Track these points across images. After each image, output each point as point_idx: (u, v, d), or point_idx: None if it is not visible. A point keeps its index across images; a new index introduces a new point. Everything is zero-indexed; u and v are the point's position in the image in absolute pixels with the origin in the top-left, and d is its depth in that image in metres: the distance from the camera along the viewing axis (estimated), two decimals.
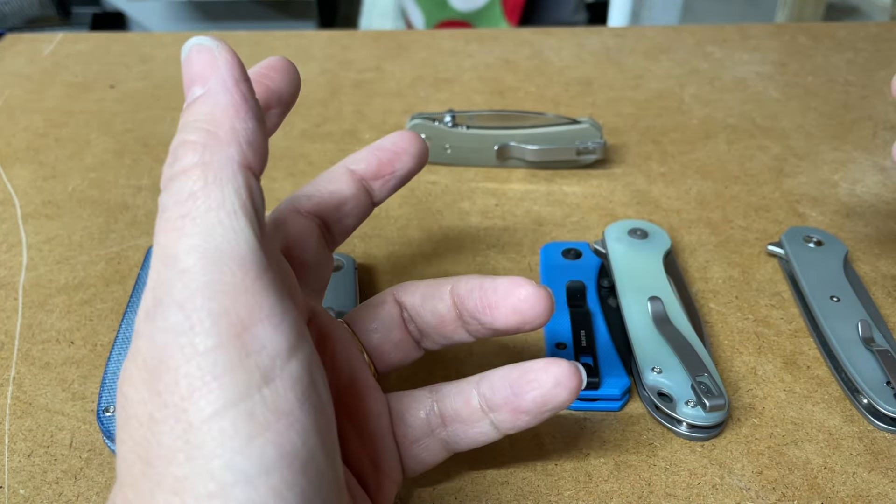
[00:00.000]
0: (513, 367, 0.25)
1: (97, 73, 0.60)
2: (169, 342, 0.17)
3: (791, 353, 0.34)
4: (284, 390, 0.17)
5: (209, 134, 0.19)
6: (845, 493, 0.28)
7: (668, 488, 0.28)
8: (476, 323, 0.26)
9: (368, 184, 0.28)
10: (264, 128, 0.20)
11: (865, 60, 0.62)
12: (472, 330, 0.26)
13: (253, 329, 0.17)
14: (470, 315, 0.25)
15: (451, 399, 0.25)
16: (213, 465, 0.16)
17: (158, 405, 0.17)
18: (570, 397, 0.24)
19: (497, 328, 0.25)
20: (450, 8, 1.42)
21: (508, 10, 1.41)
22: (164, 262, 0.18)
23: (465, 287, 0.26)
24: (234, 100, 0.19)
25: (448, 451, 0.26)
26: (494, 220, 0.43)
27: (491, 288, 0.25)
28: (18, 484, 0.28)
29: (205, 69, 0.19)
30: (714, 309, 0.37)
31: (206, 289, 0.17)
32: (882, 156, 0.49)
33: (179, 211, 0.18)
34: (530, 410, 0.24)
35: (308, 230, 0.26)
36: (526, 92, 0.57)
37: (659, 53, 0.63)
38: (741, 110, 0.55)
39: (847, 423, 0.31)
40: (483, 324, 0.25)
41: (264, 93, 0.24)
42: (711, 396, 0.29)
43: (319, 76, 0.59)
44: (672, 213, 0.43)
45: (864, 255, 0.40)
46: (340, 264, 0.37)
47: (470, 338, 0.26)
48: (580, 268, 0.38)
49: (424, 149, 0.28)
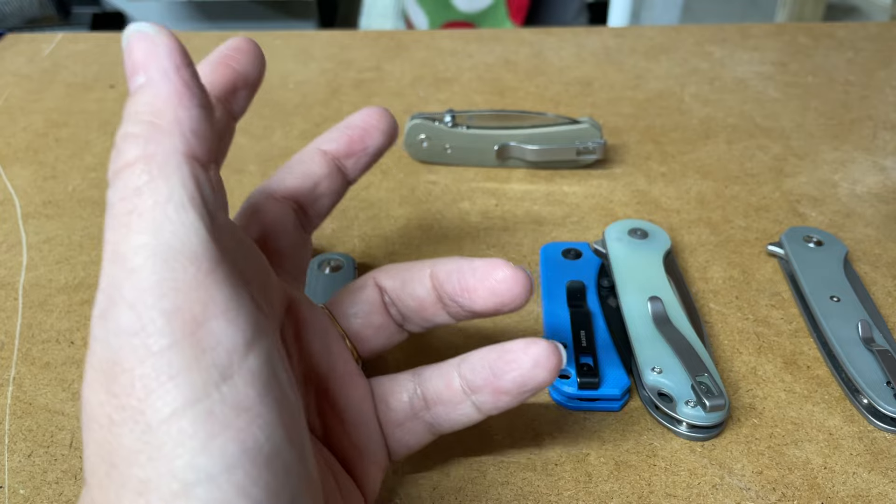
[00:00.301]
0: (492, 348, 0.25)
1: (97, 72, 0.60)
2: (122, 344, 0.17)
3: (791, 353, 0.34)
4: (244, 386, 0.17)
5: (151, 125, 0.18)
6: (845, 493, 0.28)
7: (668, 488, 0.28)
8: (456, 306, 0.26)
9: (341, 162, 0.28)
10: (211, 114, 0.19)
11: (865, 60, 0.62)
12: (452, 313, 0.26)
13: (207, 325, 0.17)
14: (449, 298, 0.26)
15: (433, 382, 0.25)
16: (175, 466, 0.16)
17: (116, 407, 0.17)
18: (549, 377, 0.24)
19: (476, 311, 0.25)
20: (453, 9, 1.41)
21: (513, 11, 1.40)
22: (113, 261, 0.17)
23: (444, 270, 0.26)
24: (176, 87, 0.18)
25: (433, 433, 0.26)
26: (494, 220, 0.43)
27: (469, 270, 0.25)
28: (18, 484, 0.28)
29: (145, 57, 0.19)
30: (714, 309, 0.37)
31: (156, 287, 0.17)
32: (882, 156, 0.49)
33: (126, 207, 0.17)
34: (510, 391, 0.24)
35: (283, 215, 0.26)
36: (526, 92, 0.57)
37: (659, 53, 0.63)
38: (741, 110, 0.55)
39: (847, 423, 0.31)
40: (462, 307, 0.25)
41: (231, 75, 0.23)
42: (711, 396, 0.29)
43: (319, 76, 0.59)
44: (672, 212, 0.43)
45: (864, 255, 0.40)
46: (340, 264, 0.37)
47: (451, 320, 0.27)
48: (580, 268, 0.38)
49: (394, 124, 0.28)
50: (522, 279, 0.24)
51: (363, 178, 0.47)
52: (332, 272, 0.36)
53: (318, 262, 0.37)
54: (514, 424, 0.31)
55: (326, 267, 0.37)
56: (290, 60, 0.62)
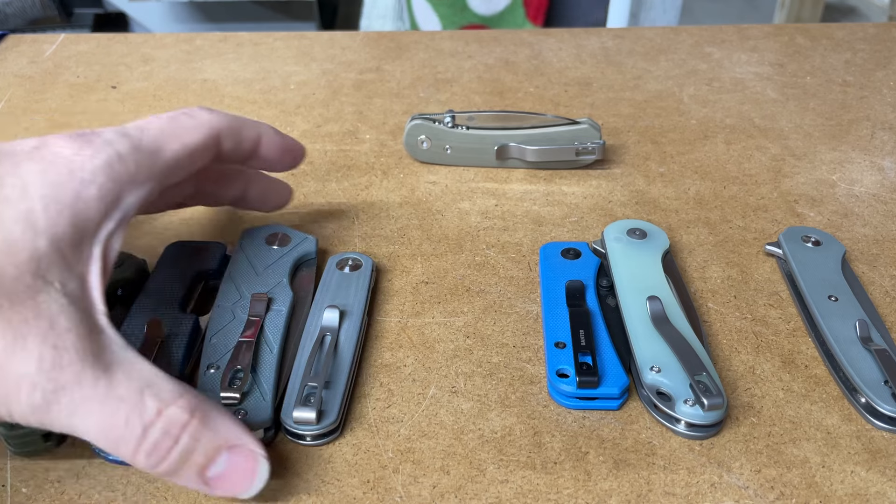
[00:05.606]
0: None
1: (99, 73, 0.60)
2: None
3: (789, 353, 0.34)
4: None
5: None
6: (843, 491, 0.28)
7: (667, 487, 0.28)
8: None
9: (236, 157, 0.35)
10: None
11: (863, 61, 0.62)
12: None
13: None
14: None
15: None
16: None
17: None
18: None
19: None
20: (470, 12, 1.37)
21: (532, 12, 1.35)
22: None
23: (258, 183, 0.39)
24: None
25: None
26: (494, 220, 0.43)
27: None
28: (21, 483, 0.28)
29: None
30: (712, 308, 0.37)
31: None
32: (880, 156, 0.49)
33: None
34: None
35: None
36: (525, 92, 0.57)
37: (658, 54, 0.63)
38: (739, 111, 0.55)
39: (845, 422, 0.31)
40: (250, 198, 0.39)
41: (276, 158, 0.36)
42: (710, 395, 0.29)
43: (320, 77, 0.59)
44: (671, 213, 0.44)
45: (862, 255, 0.40)
46: (360, 263, 0.37)
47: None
48: (579, 267, 0.38)
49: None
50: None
51: (363, 178, 0.47)
52: (351, 271, 0.37)
53: (337, 260, 0.37)
54: (513, 423, 0.31)
55: (346, 266, 0.37)
56: (290, 61, 0.62)
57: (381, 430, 0.31)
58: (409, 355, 0.34)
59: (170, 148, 0.29)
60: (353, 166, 0.48)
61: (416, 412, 0.31)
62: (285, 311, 0.34)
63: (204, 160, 0.31)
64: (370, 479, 0.29)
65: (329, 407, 0.30)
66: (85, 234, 0.26)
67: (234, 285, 0.35)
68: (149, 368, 0.25)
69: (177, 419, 0.25)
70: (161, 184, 0.29)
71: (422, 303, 0.37)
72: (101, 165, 0.26)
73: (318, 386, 0.30)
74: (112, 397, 0.24)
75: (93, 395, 0.24)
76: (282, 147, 0.36)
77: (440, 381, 0.33)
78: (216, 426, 0.26)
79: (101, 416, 0.24)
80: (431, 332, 0.35)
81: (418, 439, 0.30)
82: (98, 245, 0.26)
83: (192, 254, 0.38)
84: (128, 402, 0.24)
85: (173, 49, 0.64)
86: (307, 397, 0.30)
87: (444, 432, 0.30)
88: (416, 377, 0.33)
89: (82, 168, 0.26)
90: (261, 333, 0.33)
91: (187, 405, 0.25)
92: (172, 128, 0.30)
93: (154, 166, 0.28)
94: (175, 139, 0.29)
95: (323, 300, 0.35)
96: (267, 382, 0.31)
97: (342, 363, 0.32)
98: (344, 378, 0.31)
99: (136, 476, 0.29)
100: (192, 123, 0.31)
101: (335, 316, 0.34)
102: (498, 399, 0.32)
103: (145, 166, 0.28)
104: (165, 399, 0.25)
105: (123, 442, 0.24)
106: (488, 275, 0.39)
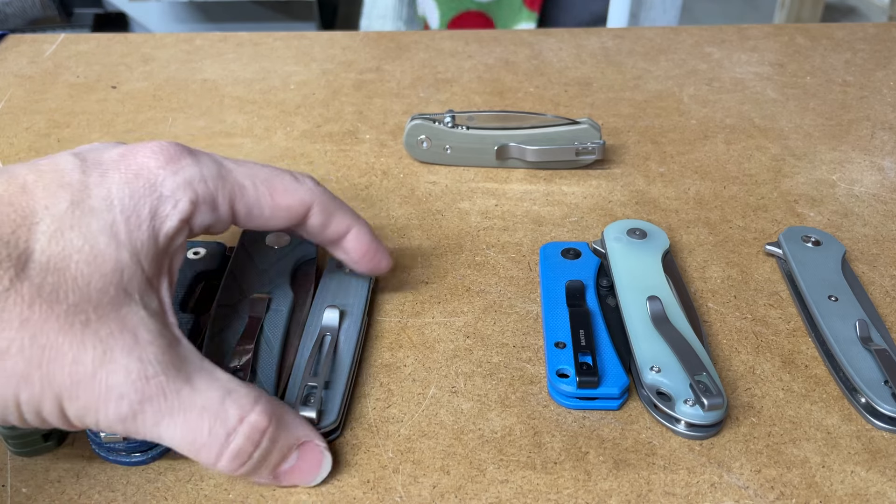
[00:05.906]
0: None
1: (99, 73, 0.60)
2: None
3: (789, 353, 0.34)
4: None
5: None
6: (843, 491, 0.28)
7: (667, 487, 0.28)
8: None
9: (320, 240, 0.33)
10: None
11: (863, 61, 0.62)
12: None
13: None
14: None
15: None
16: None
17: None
18: None
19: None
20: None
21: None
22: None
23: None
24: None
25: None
26: (494, 220, 0.43)
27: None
28: (21, 482, 0.28)
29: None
30: (712, 308, 0.37)
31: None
32: (880, 156, 0.49)
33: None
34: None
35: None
36: (525, 92, 0.57)
37: (658, 54, 0.63)
38: (739, 111, 0.55)
39: (845, 422, 0.31)
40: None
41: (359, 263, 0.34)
42: (710, 395, 0.29)
43: (320, 77, 0.59)
44: (671, 212, 0.44)
45: (862, 255, 0.40)
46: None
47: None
48: (579, 267, 0.38)
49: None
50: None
51: (363, 178, 0.47)
52: (351, 271, 0.37)
53: (337, 260, 0.37)
54: (513, 423, 0.31)
55: (347, 267, 0.37)
56: (290, 61, 0.62)
57: (381, 430, 0.31)
58: (409, 355, 0.34)
59: (254, 192, 0.29)
60: (353, 166, 0.48)
61: (416, 412, 0.31)
62: (285, 311, 0.34)
63: (283, 223, 0.31)
64: (370, 479, 0.29)
65: (329, 407, 0.30)
66: (159, 248, 0.26)
67: (235, 285, 0.35)
68: (226, 377, 0.26)
69: (258, 425, 0.26)
70: (234, 222, 0.29)
71: (422, 303, 0.37)
72: (181, 184, 0.27)
73: (318, 386, 0.30)
74: (195, 407, 0.25)
75: (177, 405, 0.24)
76: (368, 249, 0.34)
77: (440, 381, 0.33)
78: (289, 426, 0.27)
79: (185, 426, 0.25)
80: (431, 332, 0.35)
81: (418, 439, 0.30)
82: (168, 258, 0.27)
83: (192, 254, 0.38)
84: (210, 410, 0.25)
85: (173, 49, 0.64)
86: (307, 397, 0.30)
87: (444, 432, 0.30)
88: (416, 377, 0.33)
89: (164, 184, 0.26)
90: (261, 333, 0.33)
91: (265, 410, 0.26)
92: (268, 176, 0.30)
93: (234, 201, 0.29)
94: (265, 187, 0.29)
95: (323, 300, 0.35)
96: (267, 382, 0.31)
97: (342, 363, 0.32)
98: (344, 378, 0.31)
99: (136, 476, 0.29)
100: (291, 186, 0.30)
101: (335, 316, 0.34)
102: (498, 399, 0.32)
103: (226, 198, 0.28)
104: (245, 406, 0.26)
105: (206, 449, 0.25)
106: (488, 275, 0.39)
